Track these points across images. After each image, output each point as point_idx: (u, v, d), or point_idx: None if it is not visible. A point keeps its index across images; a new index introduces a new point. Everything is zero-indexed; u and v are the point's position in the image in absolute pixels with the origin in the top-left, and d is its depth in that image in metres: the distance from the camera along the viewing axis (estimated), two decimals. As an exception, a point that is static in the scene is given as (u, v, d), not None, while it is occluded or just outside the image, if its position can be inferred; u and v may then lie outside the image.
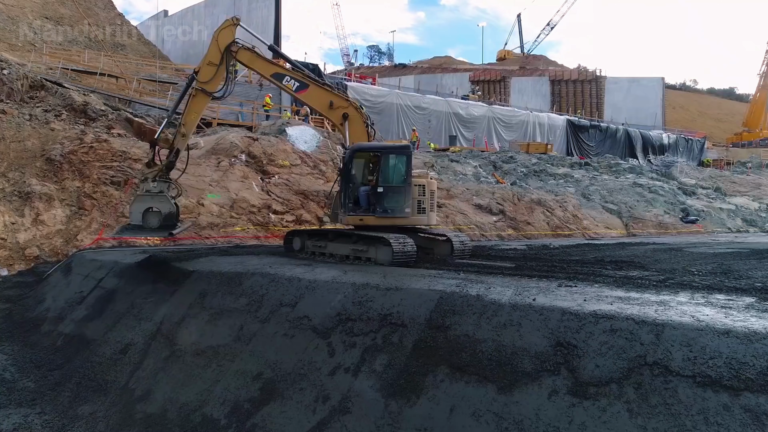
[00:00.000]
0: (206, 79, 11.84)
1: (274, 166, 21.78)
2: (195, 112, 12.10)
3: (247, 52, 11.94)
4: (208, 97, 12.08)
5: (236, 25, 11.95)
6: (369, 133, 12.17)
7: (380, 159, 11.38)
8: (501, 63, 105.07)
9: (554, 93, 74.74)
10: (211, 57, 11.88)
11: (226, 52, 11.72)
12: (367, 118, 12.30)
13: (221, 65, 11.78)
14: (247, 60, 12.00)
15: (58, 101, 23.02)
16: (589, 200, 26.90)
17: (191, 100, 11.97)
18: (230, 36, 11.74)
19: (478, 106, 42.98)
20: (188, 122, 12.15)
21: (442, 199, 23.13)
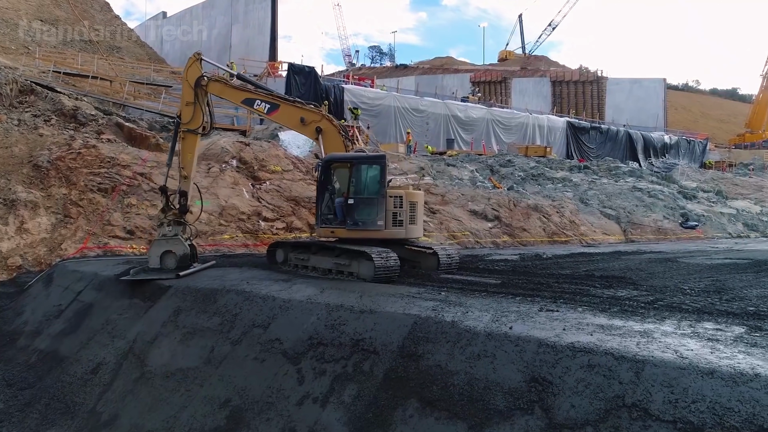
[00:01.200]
0: (188, 119, 11.98)
1: (266, 171, 21.45)
2: (190, 153, 12.23)
3: (217, 84, 12.05)
4: (197, 136, 12.18)
5: (200, 59, 11.99)
6: (346, 144, 11.84)
7: (352, 169, 11.05)
8: (502, 64, 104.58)
9: (555, 94, 74.26)
10: (186, 96, 12.05)
11: (197, 87, 11.69)
12: (341, 129, 12.00)
13: (197, 102, 11.82)
14: (218, 91, 12.10)
15: (48, 106, 22.75)
16: (587, 205, 26.48)
17: (182, 143, 12.15)
18: (197, 71, 11.84)
19: (476, 108, 42.58)
20: (187, 164, 12.26)
21: (436, 204, 22.81)
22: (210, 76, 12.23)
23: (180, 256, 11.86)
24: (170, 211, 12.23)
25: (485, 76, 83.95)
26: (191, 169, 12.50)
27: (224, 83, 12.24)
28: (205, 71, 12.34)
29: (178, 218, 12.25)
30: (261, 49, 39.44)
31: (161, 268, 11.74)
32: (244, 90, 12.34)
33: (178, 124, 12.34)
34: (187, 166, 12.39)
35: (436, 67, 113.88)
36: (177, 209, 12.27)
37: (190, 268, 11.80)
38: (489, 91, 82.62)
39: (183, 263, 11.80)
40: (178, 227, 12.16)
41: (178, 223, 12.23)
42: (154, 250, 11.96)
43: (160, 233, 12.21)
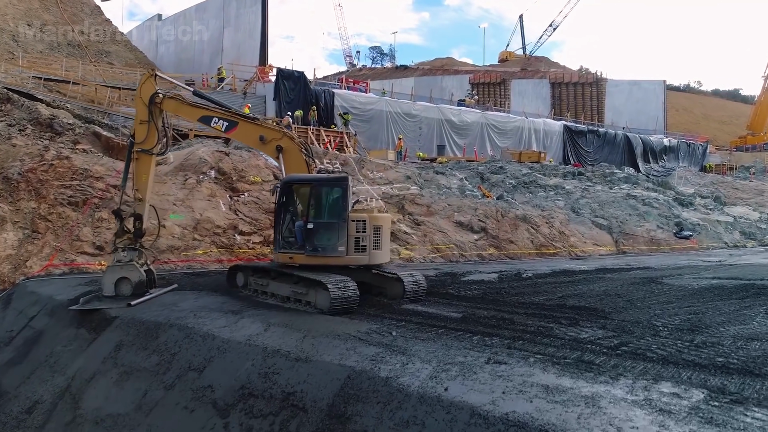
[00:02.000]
0: (142, 138, 11.58)
1: (245, 182, 20.89)
2: (144, 174, 11.82)
3: (172, 101, 11.61)
4: (152, 156, 11.80)
5: (154, 75, 11.68)
6: (308, 162, 11.27)
7: (312, 192, 10.49)
8: (503, 65, 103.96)
9: (555, 96, 73.50)
10: (140, 115, 11.63)
11: (152, 105, 11.24)
12: (303, 147, 11.44)
13: (151, 120, 11.41)
14: (173, 108, 11.67)
15: (24, 115, 22.24)
16: (578, 214, 25.82)
17: (135, 164, 11.74)
18: (151, 88, 11.44)
19: (471, 113, 41.90)
20: (141, 186, 11.88)
21: (421, 216, 22.22)
22: (164, 93, 11.73)
23: (135, 283, 11.38)
24: (125, 235, 11.72)
25: (485, 78, 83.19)
26: (146, 192, 12.02)
27: (179, 100, 11.76)
28: (160, 89, 11.86)
29: (133, 243, 11.75)
30: (252, 53, 38.90)
31: (116, 296, 11.25)
32: (200, 107, 11.83)
33: (131, 144, 11.91)
34: (141, 188, 11.93)
35: (437, 68, 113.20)
36: (132, 233, 11.76)
37: (145, 295, 11.29)
38: (488, 93, 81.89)
39: (138, 290, 11.34)
40: (133, 252, 11.67)
41: (134, 248, 11.72)
42: (108, 277, 11.45)
43: (114, 259, 11.73)
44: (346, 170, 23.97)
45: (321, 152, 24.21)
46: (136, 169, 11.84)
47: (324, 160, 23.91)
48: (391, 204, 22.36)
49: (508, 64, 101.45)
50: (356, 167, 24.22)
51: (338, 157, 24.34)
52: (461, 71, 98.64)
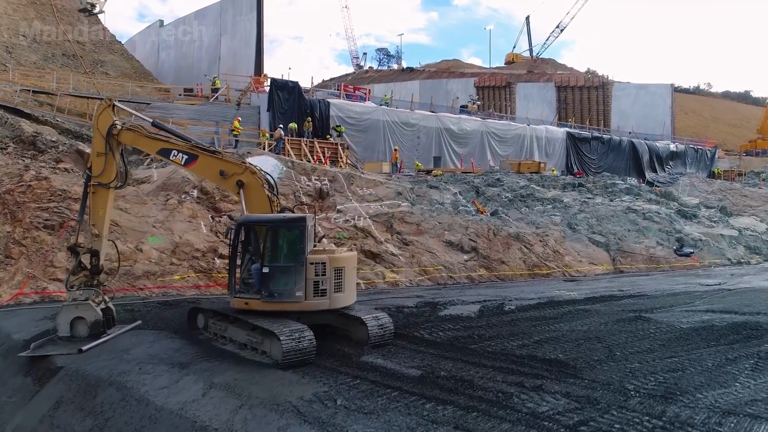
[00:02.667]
0: (99, 171, 11.12)
1: (228, 202, 20.41)
2: (102, 208, 11.34)
3: (129, 132, 11.13)
4: (109, 190, 11.32)
5: (111, 105, 11.19)
6: (271, 199, 10.71)
7: (268, 233, 9.95)
8: (509, 67, 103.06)
9: (560, 99, 72.53)
10: (97, 147, 11.22)
11: (109, 137, 10.88)
12: (266, 182, 10.88)
13: (109, 152, 10.97)
14: (130, 140, 11.20)
15: (7, 132, 21.97)
16: (575, 231, 25.08)
17: (92, 198, 11.28)
18: (109, 119, 11.00)
19: (470, 121, 41.15)
20: (98, 221, 11.38)
21: (410, 235, 21.63)
22: (121, 124, 11.25)
23: (91, 323, 10.90)
24: (81, 272, 11.24)
25: (490, 81, 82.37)
26: (103, 227, 11.52)
27: (137, 132, 11.25)
28: (117, 120, 11.37)
29: (89, 280, 11.27)
30: (247, 61, 38.47)
31: (71, 337, 10.77)
32: (159, 139, 11.31)
33: (88, 177, 11.44)
34: (98, 223, 11.44)
35: (443, 70, 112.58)
36: (88, 270, 11.27)
37: (101, 337, 10.81)
38: (493, 97, 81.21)
39: (95, 330, 10.86)
40: (89, 291, 11.18)
41: (90, 286, 11.24)
42: (62, 317, 10.98)
43: (69, 297, 11.20)
44: (335, 186, 23.53)
45: (309, 168, 23.70)
46: (93, 203, 11.38)
47: (312, 177, 23.52)
48: (379, 222, 21.81)
49: (514, 66, 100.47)
50: (345, 183, 23.68)
51: (327, 174, 23.80)
52: (467, 74, 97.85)
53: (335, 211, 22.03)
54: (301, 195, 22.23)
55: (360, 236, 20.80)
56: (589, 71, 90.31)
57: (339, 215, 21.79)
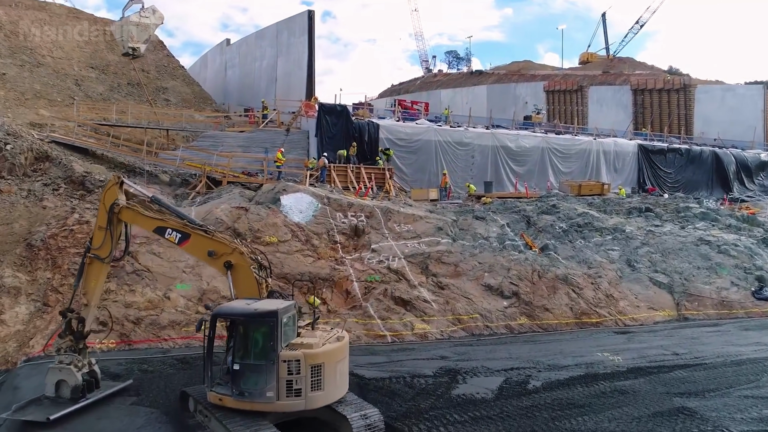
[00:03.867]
0: (98, 244, 11.49)
1: (259, 243, 20.14)
2: (94, 280, 11.68)
3: (129, 211, 11.34)
4: (105, 265, 11.67)
5: (118, 183, 11.45)
6: (259, 281, 10.16)
7: (238, 328, 9.39)
8: (583, 67, 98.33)
9: (637, 104, 67.90)
10: (100, 220, 11.55)
11: (111, 213, 11.27)
12: (256, 263, 10.35)
13: (109, 228, 11.30)
14: (130, 219, 11.45)
15: (60, 173, 23.01)
16: (634, 269, 22.86)
17: (87, 267, 11.64)
18: (114, 196, 11.36)
19: (530, 137, 39.01)
20: (89, 291, 11.71)
21: (447, 277, 20.53)
22: (122, 203, 11.36)
23: (72, 387, 11.14)
24: (68, 337, 11.49)
25: (560, 85, 78.74)
26: (94, 297, 11.79)
27: (136, 211, 11.34)
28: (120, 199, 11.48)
29: (74, 345, 11.55)
30: (300, 84, 38.61)
31: (57, 397, 11.11)
32: (155, 218, 11.24)
33: (88, 247, 11.72)
34: (89, 293, 11.76)
35: (513, 72, 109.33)
36: (72, 335, 11.43)
37: (79, 402, 10.97)
38: (563, 101, 77.68)
39: (74, 395, 11.09)
40: (72, 356, 11.45)
41: (74, 350, 11.52)
42: (49, 378, 11.38)
43: (56, 360, 11.53)
44: (371, 223, 22.81)
45: (346, 204, 23.13)
46: (86, 272, 11.74)
47: (348, 213, 22.94)
48: (414, 263, 20.88)
49: (589, 67, 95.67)
50: (383, 219, 22.92)
51: (364, 209, 23.13)
52: (537, 76, 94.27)
53: (369, 250, 21.33)
54: (335, 233, 21.70)
55: (392, 279, 19.97)
56: (671, 69, 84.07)
57: (373, 255, 21.07)
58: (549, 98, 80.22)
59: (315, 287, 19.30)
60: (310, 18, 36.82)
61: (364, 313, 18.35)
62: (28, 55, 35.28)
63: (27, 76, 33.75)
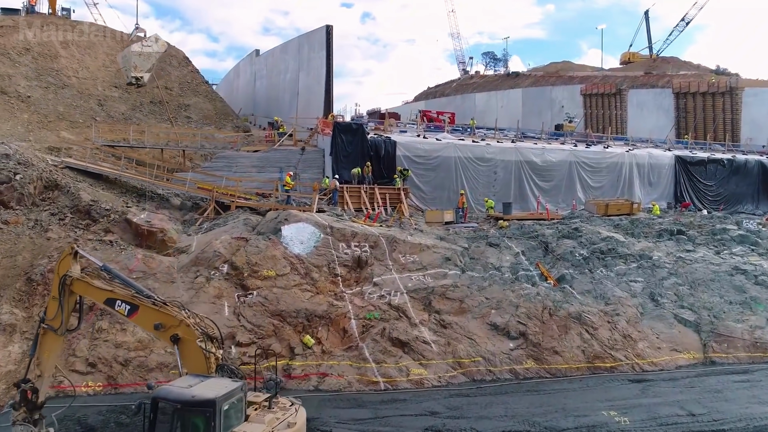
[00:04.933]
0: (52, 315, 11.13)
1: (257, 278, 19.73)
2: (47, 351, 11.32)
3: (81, 283, 10.96)
4: (60, 336, 11.23)
5: (72, 254, 11.06)
6: (207, 355, 9.52)
7: (174, 417, 8.73)
8: (624, 68, 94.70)
9: (679, 108, 64.64)
10: (54, 291, 11.19)
11: (63, 285, 10.92)
12: (204, 336, 9.71)
13: (61, 300, 10.94)
14: (81, 291, 11.05)
15: (67, 202, 23.12)
16: (657, 304, 21.22)
17: (41, 338, 11.28)
18: (67, 266, 10.97)
19: (556, 151, 37.23)
20: (43, 361, 11.32)
21: (450, 314, 19.54)
22: (74, 275, 10.98)
23: None
24: (22, 408, 11.18)
25: (598, 88, 75.87)
26: (47, 368, 11.41)
27: (87, 282, 10.95)
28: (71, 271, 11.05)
29: (29, 415, 11.15)
30: (319, 99, 38.13)
31: None
32: (105, 290, 10.81)
33: (42, 318, 11.38)
34: (42, 364, 11.39)
35: (550, 74, 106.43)
36: (26, 406, 11.07)
37: None
38: (601, 105, 74.90)
39: None
40: (27, 427, 11.02)
41: (29, 421, 11.10)
42: None
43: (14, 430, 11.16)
44: (375, 253, 22.00)
45: (349, 233, 22.37)
46: (40, 343, 11.41)
47: (352, 243, 22.17)
48: (417, 299, 19.97)
49: (630, 67, 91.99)
50: (387, 249, 22.07)
51: (368, 238, 22.31)
52: (576, 78, 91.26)
53: (371, 283, 20.53)
54: (336, 266, 20.99)
55: (393, 317, 19.10)
56: (719, 69, 79.64)
57: (374, 289, 20.26)
58: (586, 102, 77.50)
59: (310, 325, 18.69)
60: (328, 33, 36.28)
61: (359, 355, 17.56)
62: (54, 77, 36.06)
63: (51, 98, 34.49)
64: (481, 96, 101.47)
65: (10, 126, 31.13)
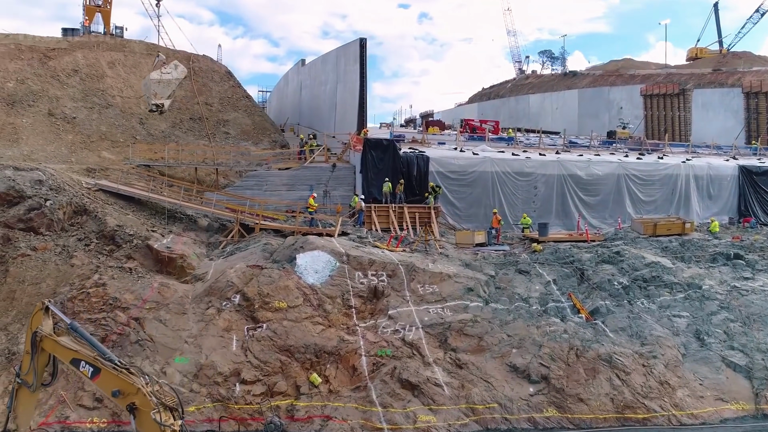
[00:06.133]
0: (25, 370, 10.62)
1: (268, 309, 19.28)
2: (22, 405, 10.93)
3: (49, 341, 10.38)
4: (34, 393, 10.78)
5: (45, 308, 10.47)
6: (163, 429, 8.93)
7: None
8: (691, 64, 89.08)
9: (749, 109, 59.81)
10: (27, 345, 10.66)
11: (33, 340, 10.39)
12: (159, 406, 9.11)
13: (33, 356, 10.41)
14: (50, 348, 10.49)
15: (94, 227, 23.56)
16: (703, 345, 19.13)
17: (16, 392, 10.89)
18: (38, 322, 10.40)
19: (603, 163, 34.82)
20: (18, 415, 10.98)
21: (467, 353, 18.39)
22: (44, 332, 10.62)
23: None
24: None
25: (659, 88, 71.54)
26: (22, 423, 11.13)
27: (56, 341, 10.54)
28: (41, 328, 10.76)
29: None
30: (353, 113, 37.50)
31: None
32: (71, 350, 10.42)
33: (17, 373, 11.07)
34: (18, 418, 11.12)
35: (609, 72, 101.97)
36: None
37: None
38: (663, 106, 70.61)
39: None
40: None
41: None
42: None
43: None
44: (393, 283, 21.12)
45: (366, 262, 21.57)
46: (16, 398, 11.00)
47: (369, 272, 21.38)
48: (432, 335, 18.95)
49: (697, 64, 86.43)
50: (405, 279, 21.12)
51: (386, 267, 21.44)
52: (637, 77, 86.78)
53: (386, 316, 19.64)
54: (351, 297, 20.25)
55: (405, 354, 18.15)
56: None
57: (389, 323, 19.36)
58: (646, 103, 73.37)
59: (319, 362, 18.03)
60: (361, 47, 35.57)
61: (366, 396, 16.73)
62: (99, 97, 37.29)
63: (95, 118, 35.65)
64: (536, 98, 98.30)
65: (55, 147, 32.38)
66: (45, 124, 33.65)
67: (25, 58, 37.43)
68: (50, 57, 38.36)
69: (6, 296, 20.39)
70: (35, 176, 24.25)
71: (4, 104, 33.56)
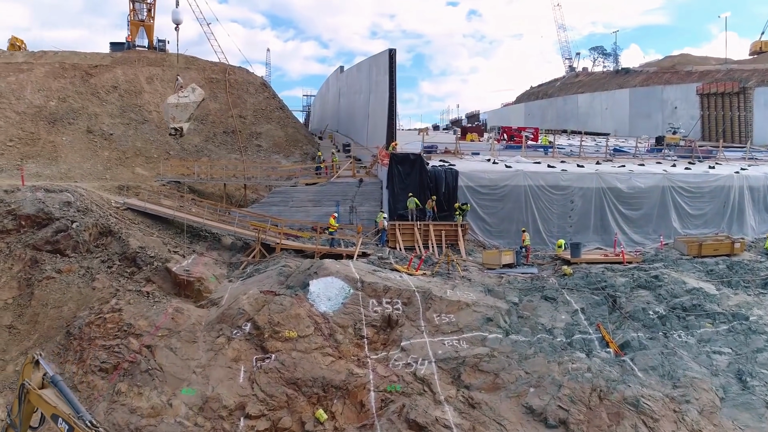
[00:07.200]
0: (14, 415, 10.74)
1: (277, 339, 18.92)
2: None
3: (34, 394, 10.36)
4: None
5: (35, 361, 10.43)
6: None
7: None
8: (754, 59, 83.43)
9: (818, 107, 55.48)
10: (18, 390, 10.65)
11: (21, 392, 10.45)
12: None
13: (21, 405, 10.45)
14: (34, 401, 10.47)
15: (117, 248, 23.92)
16: (745, 387, 17.38)
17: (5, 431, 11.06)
18: (27, 374, 10.40)
19: (646, 176, 32.72)
20: None
21: (481, 391, 17.43)
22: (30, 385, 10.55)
23: None
24: None
25: (716, 87, 67.48)
26: None
27: (40, 396, 10.47)
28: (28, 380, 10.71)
29: None
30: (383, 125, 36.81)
31: None
32: (52, 405, 10.31)
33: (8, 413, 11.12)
34: None
35: (664, 69, 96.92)
36: None
37: None
38: (722, 106, 66.75)
39: None
40: None
41: None
42: None
43: None
44: (408, 312, 20.40)
45: (381, 289, 20.91)
46: None
47: (383, 299, 20.73)
48: (445, 371, 18.09)
49: (762, 59, 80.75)
50: (421, 307, 20.32)
51: (402, 294, 20.70)
52: (694, 74, 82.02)
53: (398, 348, 18.91)
54: (363, 326, 19.63)
55: (415, 391, 17.35)
56: None
57: (401, 356, 18.63)
58: (703, 102, 69.63)
59: (326, 396, 17.51)
60: (390, 57, 34.80)
61: (371, 437, 16.07)
62: (136, 113, 38.21)
63: (131, 134, 36.51)
64: (584, 97, 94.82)
65: (91, 164, 33.33)
66: (83, 141, 34.70)
67: (68, 77, 38.80)
68: (92, 74, 39.63)
69: (30, 319, 20.94)
70: (64, 198, 24.88)
71: (45, 123, 34.85)
